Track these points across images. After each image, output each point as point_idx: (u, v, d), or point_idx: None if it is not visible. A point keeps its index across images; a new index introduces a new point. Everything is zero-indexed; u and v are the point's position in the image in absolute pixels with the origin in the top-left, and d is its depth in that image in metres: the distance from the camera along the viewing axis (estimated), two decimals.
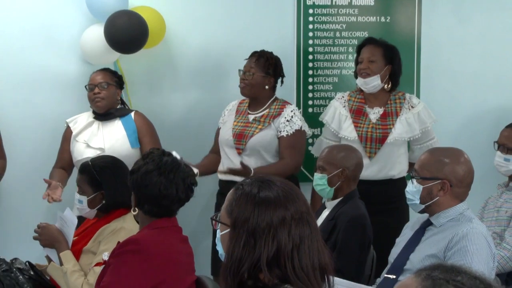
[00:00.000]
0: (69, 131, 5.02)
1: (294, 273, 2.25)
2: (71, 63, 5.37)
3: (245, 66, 4.98)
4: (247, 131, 4.98)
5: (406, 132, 4.89)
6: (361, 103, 5.02)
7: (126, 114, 5.05)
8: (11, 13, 5.27)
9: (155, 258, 3.29)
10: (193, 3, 5.54)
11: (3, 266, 4.04)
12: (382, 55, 4.91)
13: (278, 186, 2.36)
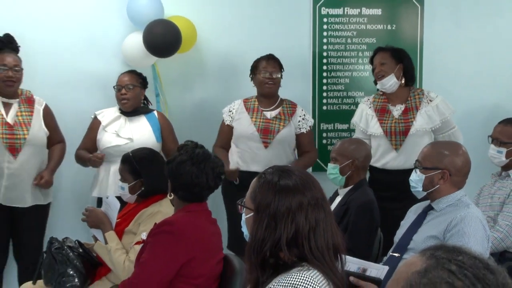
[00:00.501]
0: (97, 122, 5.03)
1: (310, 252, 2.28)
2: (114, 66, 5.38)
3: (268, 67, 4.98)
4: (272, 127, 5.01)
5: (427, 123, 4.88)
6: (384, 103, 5.02)
7: (150, 112, 5.07)
8: (64, 23, 5.30)
9: (187, 238, 3.30)
10: (221, 13, 5.55)
11: (55, 244, 4.07)
12: (391, 56, 4.92)
13: (296, 175, 2.38)
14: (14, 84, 4.75)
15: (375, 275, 3.52)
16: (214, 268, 3.40)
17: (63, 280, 3.95)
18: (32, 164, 4.83)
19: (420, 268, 1.52)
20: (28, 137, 4.76)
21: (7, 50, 4.77)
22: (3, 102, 4.79)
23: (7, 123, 4.73)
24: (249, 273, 2.40)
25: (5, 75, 4.70)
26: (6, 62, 4.71)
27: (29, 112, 4.84)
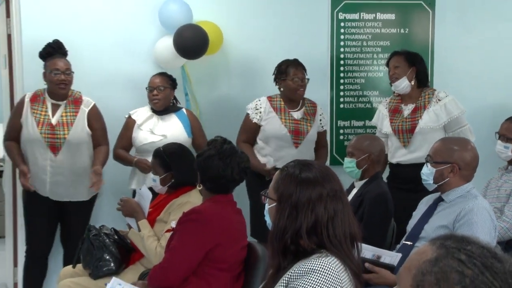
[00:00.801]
0: (132, 121, 5.03)
1: (329, 240, 2.29)
2: (147, 67, 5.38)
3: (299, 73, 4.98)
4: (301, 128, 5.03)
5: (433, 121, 4.83)
6: (398, 103, 5.01)
7: (179, 110, 5.09)
8: (100, 28, 5.31)
9: (213, 226, 3.31)
10: (245, 19, 5.55)
11: (93, 231, 4.11)
12: (405, 60, 4.90)
13: (316, 168, 2.40)
14: (66, 86, 4.80)
15: (388, 262, 3.54)
16: (239, 254, 3.42)
17: (100, 264, 3.98)
18: (73, 162, 4.84)
19: (431, 257, 1.52)
20: (68, 137, 4.77)
21: (57, 55, 4.81)
22: (52, 104, 4.84)
23: (50, 123, 4.76)
24: (271, 259, 2.41)
25: (58, 78, 4.74)
26: (59, 67, 4.75)
27: (73, 113, 4.85)
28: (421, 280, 1.51)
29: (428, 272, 1.50)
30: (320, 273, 2.19)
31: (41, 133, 4.73)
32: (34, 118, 4.76)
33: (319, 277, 2.19)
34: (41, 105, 4.81)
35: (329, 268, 2.21)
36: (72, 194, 4.87)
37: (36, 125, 4.74)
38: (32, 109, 4.79)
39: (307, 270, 2.21)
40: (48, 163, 4.77)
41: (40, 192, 4.83)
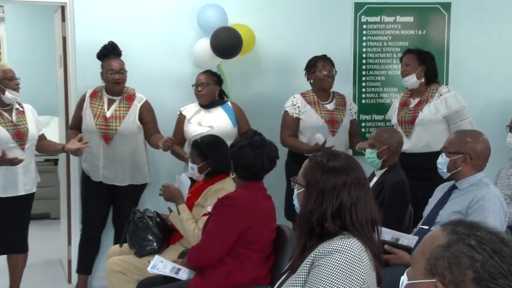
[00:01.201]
0: (183, 117, 5.07)
1: (352, 224, 2.29)
2: (186, 66, 5.41)
3: (327, 66, 4.99)
4: (336, 117, 5.02)
5: (432, 114, 4.79)
6: (408, 97, 5.00)
7: (224, 103, 5.09)
8: (143, 30, 5.33)
9: (245, 210, 3.32)
10: (276, 21, 5.53)
11: (137, 214, 4.14)
12: (416, 59, 4.87)
13: (342, 158, 2.40)
14: (120, 84, 4.90)
15: (406, 244, 3.55)
16: (269, 235, 3.41)
17: (144, 244, 4.01)
18: (123, 151, 4.93)
19: (442, 242, 1.51)
20: (119, 129, 4.86)
21: (112, 56, 4.88)
22: (108, 99, 4.94)
23: (104, 116, 4.87)
24: (298, 240, 2.41)
25: (113, 77, 4.84)
26: (113, 67, 4.83)
27: (126, 108, 4.93)
28: (434, 264, 1.50)
29: (441, 257, 1.49)
30: (343, 253, 2.19)
31: (96, 125, 4.84)
32: (92, 111, 4.89)
33: (342, 257, 2.18)
34: (98, 100, 4.92)
35: (351, 249, 2.20)
36: (122, 179, 4.96)
37: (92, 118, 4.87)
38: (91, 104, 4.91)
39: (331, 250, 2.21)
40: (101, 150, 4.88)
41: (93, 177, 4.95)
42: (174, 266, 3.52)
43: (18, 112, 4.69)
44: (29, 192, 4.72)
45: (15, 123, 4.61)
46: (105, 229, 5.16)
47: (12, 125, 4.59)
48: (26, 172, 4.66)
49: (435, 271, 1.49)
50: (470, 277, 1.44)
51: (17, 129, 4.60)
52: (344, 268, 2.17)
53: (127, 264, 3.96)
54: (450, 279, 1.46)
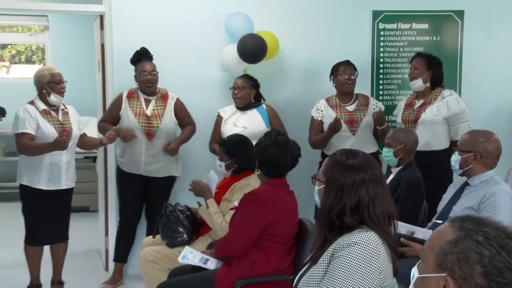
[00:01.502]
0: (220, 117, 5.11)
1: (369, 218, 2.28)
2: (214, 70, 5.43)
3: (348, 70, 4.95)
4: (355, 117, 4.98)
5: (434, 115, 4.77)
6: (413, 99, 4.98)
7: (259, 106, 5.10)
8: (175, 37, 5.34)
9: (269, 205, 3.31)
10: (299, 28, 5.50)
11: (169, 208, 4.15)
12: (424, 64, 4.84)
13: (360, 156, 2.39)
14: (153, 84, 4.95)
15: (421, 237, 3.54)
16: (291, 229, 3.39)
17: (175, 236, 4.02)
18: (162, 146, 4.96)
19: (451, 238, 1.49)
20: (160, 126, 4.93)
21: (144, 59, 4.93)
22: (145, 99, 4.98)
23: (145, 114, 4.92)
24: (319, 233, 2.41)
25: (146, 78, 4.89)
26: (146, 69, 4.89)
27: (162, 107, 4.99)
28: (443, 260, 1.49)
29: (450, 253, 1.48)
30: (362, 245, 2.19)
31: (139, 122, 4.89)
32: (132, 110, 4.93)
33: (361, 249, 2.18)
34: (136, 100, 4.97)
35: (369, 242, 2.20)
36: (161, 171, 5.01)
37: (134, 116, 4.91)
38: (130, 104, 4.95)
39: (350, 243, 2.20)
40: (143, 146, 4.92)
41: (134, 171, 4.98)
42: (203, 257, 3.52)
43: (64, 113, 4.74)
44: (69, 187, 4.76)
45: (61, 122, 4.67)
46: (140, 221, 5.19)
47: (59, 123, 4.65)
48: (68, 168, 4.71)
49: (444, 266, 1.48)
50: (479, 272, 1.42)
51: (63, 127, 4.66)
52: (362, 259, 2.16)
53: (159, 254, 3.98)
54: (459, 274, 1.45)
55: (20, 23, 9.61)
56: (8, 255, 5.66)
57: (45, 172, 4.62)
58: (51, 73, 4.67)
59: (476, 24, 5.65)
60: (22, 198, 4.70)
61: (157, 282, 3.61)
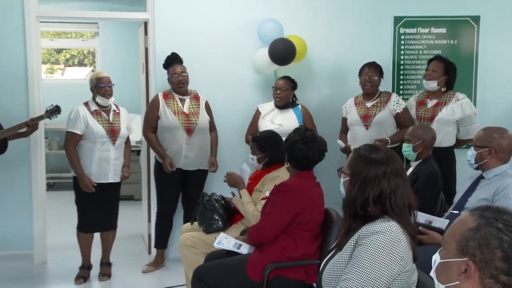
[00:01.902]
0: (259, 113, 5.12)
1: (391, 208, 2.26)
2: (247, 72, 5.41)
3: (369, 72, 4.90)
4: (370, 113, 4.92)
5: (449, 115, 4.73)
6: (424, 97, 4.93)
7: (296, 106, 5.09)
8: (211, 42, 5.34)
9: (297, 196, 3.28)
10: (325, 33, 5.45)
11: (206, 197, 4.15)
12: (443, 68, 4.79)
13: (383, 151, 2.37)
14: (184, 85, 4.95)
15: (438, 226, 3.53)
16: (318, 217, 3.36)
17: (211, 223, 4.02)
18: (200, 142, 4.98)
19: (472, 225, 1.48)
20: (198, 123, 4.94)
21: (174, 63, 4.94)
22: (180, 98, 4.97)
23: (184, 112, 4.92)
24: (344, 221, 2.39)
25: (177, 79, 4.91)
26: (176, 71, 4.90)
27: (197, 105, 5.00)
28: (465, 245, 1.47)
29: (471, 239, 1.46)
30: (384, 233, 2.17)
31: (179, 120, 4.89)
32: (170, 109, 4.92)
33: (383, 237, 2.16)
34: (172, 100, 4.96)
35: (391, 230, 2.18)
36: (199, 164, 5.02)
37: (173, 114, 4.90)
38: (167, 103, 4.94)
39: (373, 231, 2.18)
40: (184, 142, 4.91)
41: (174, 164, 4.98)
42: (237, 242, 3.52)
43: (115, 113, 4.79)
44: (116, 181, 4.79)
45: (110, 121, 4.72)
46: (177, 210, 5.20)
47: (107, 123, 4.69)
48: (116, 164, 4.75)
49: (466, 251, 1.47)
50: (499, 256, 1.41)
51: (111, 126, 4.70)
52: (385, 247, 2.14)
53: (197, 239, 3.98)
54: (480, 258, 1.44)
55: (73, 30, 9.72)
56: (63, 238, 5.73)
57: (94, 166, 4.68)
58: (97, 77, 4.75)
59: (491, 28, 5.54)
60: (75, 189, 4.75)
61: (195, 264, 3.62)
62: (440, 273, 1.54)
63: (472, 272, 1.44)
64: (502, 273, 1.41)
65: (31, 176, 5.26)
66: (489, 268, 1.42)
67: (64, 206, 6.25)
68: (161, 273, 5.07)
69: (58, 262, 5.31)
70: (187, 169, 4.98)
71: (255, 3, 5.36)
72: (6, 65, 5.11)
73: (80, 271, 4.90)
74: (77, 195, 4.77)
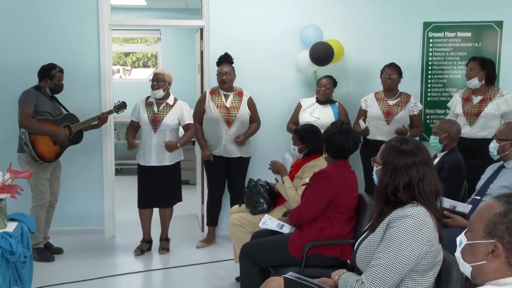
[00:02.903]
0: (300, 105, 5.08)
1: (419, 195, 2.22)
2: (290, 72, 5.38)
3: (388, 71, 4.85)
4: (392, 110, 4.84)
5: (495, 110, 4.63)
6: (469, 94, 4.78)
7: (334, 103, 5.03)
8: (259, 45, 5.33)
9: (334, 182, 3.24)
10: (359, 36, 5.37)
11: (252, 182, 4.15)
12: (478, 65, 4.68)
13: (412, 143, 2.33)
14: (226, 84, 4.91)
15: (462, 210, 3.48)
16: (352, 201, 3.31)
17: (257, 205, 4.02)
18: (238, 133, 4.94)
19: (500, 210, 1.44)
20: (237, 116, 4.90)
21: (224, 62, 4.93)
22: (224, 94, 4.95)
23: (225, 106, 4.90)
24: (376, 206, 2.35)
25: (221, 79, 4.89)
26: (222, 71, 4.88)
27: (239, 101, 4.96)
28: (493, 228, 1.44)
29: (500, 222, 1.43)
30: (413, 217, 2.13)
31: (220, 113, 4.87)
32: (214, 103, 4.91)
33: (412, 221, 2.13)
34: (217, 95, 4.95)
35: (419, 215, 2.14)
36: (239, 152, 4.98)
37: (216, 108, 4.89)
38: (212, 98, 4.94)
39: (403, 215, 2.15)
40: (224, 132, 4.90)
41: (216, 152, 4.97)
42: (279, 223, 3.51)
43: (167, 106, 4.82)
44: (159, 164, 4.81)
45: (155, 112, 4.79)
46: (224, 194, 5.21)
47: (152, 113, 4.78)
48: (158, 150, 4.79)
49: (494, 234, 1.43)
50: None
51: (155, 116, 4.77)
52: (414, 229, 2.12)
53: (244, 219, 3.99)
54: (508, 240, 1.41)
55: (139, 36, 9.85)
56: (129, 216, 5.84)
57: (141, 151, 4.84)
58: (151, 75, 4.85)
59: None
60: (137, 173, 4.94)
61: (242, 242, 3.62)
62: (467, 253, 1.51)
63: (500, 252, 1.41)
64: None
65: (102, 162, 5.37)
66: None
67: (130, 189, 6.35)
68: (213, 248, 5.10)
69: (125, 236, 5.42)
70: (228, 156, 4.97)
71: (297, 10, 5.32)
72: (82, 67, 5.22)
73: (140, 244, 5.00)
74: (137, 178, 4.93)
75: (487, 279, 1.43)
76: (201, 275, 4.43)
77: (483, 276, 1.44)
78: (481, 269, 1.44)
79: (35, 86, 4.66)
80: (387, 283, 2.12)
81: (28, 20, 5.13)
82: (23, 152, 4.58)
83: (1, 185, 2.76)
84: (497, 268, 1.41)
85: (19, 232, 2.86)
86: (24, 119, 4.48)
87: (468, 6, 5.38)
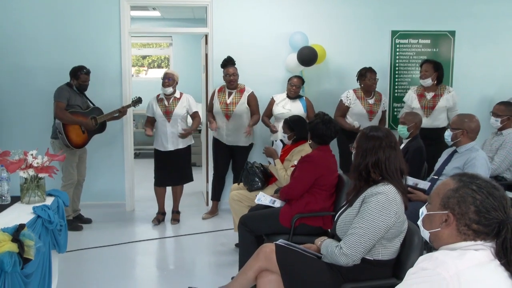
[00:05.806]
0: (273, 101, 5.01)
1: (386, 172, 2.23)
2: (281, 72, 5.33)
3: (373, 76, 4.79)
4: (374, 109, 4.85)
5: (445, 104, 4.70)
6: (423, 91, 4.78)
7: (302, 98, 4.98)
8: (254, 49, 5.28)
9: (318, 164, 3.23)
10: (339, 42, 5.33)
11: (249, 164, 4.13)
12: (432, 67, 4.69)
13: (381, 130, 2.33)
14: (233, 83, 4.88)
15: (422, 187, 3.49)
16: (333, 180, 3.31)
17: (253, 183, 4.02)
18: (237, 124, 4.92)
19: (453, 187, 1.45)
20: (234, 111, 4.87)
21: (229, 65, 4.90)
22: (229, 92, 4.93)
23: (226, 102, 4.88)
24: (353, 184, 2.36)
25: (229, 79, 4.86)
26: (229, 72, 4.85)
27: (239, 97, 4.91)
28: (447, 202, 1.45)
29: (452, 197, 1.44)
30: (384, 194, 2.15)
31: (220, 108, 4.87)
32: (218, 100, 4.91)
33: (384, 197, 2.15)
34: (223, 93, 4.94)
35: (390, 192, 2.16)
36: (237, 141, 4.96)
37: (219, 104, 4.88)
38: (218, 96, 4.93)
39: (376, 192, 2.17)
40: (225, 124, 4.89)
41: (221, 140, 4.98)
42: (272, 199, 3.50)
43: (174, 99, 4.81)
44: (173, 148, 4.79)
45: (166, 105, 4.77)
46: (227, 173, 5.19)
47: (164, 106, 4.76)
48: (172, 137, 4.78)
49: (447, 206, 1.45)
50: (472, 210, 1.40)
51: (167, 109, 4.76)
52: (385, 204, 2.14)
53: (242, 196, 3.98)
54: (458, 211, 1.43)
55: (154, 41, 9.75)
56: (146, 193, 5.83)
57: (157, 138, 4.83)
58: (163, 74, 4.83)
59: (464, 40, 5.42)
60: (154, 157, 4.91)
61: (241, 214, 3.64)
62: (426, 222, 1.53)
63: (451, 221, 1.43)
64: (474, 222, 1.40)
65: (123, 147, 5.36)
66: (464, 219, 1.41)
67: (146, 170, 6.34)
68: (216, 220, 5.10)
69: (142, 210, 5.41)
70: (230, 144, 4.96)
71: (287, 19, 5.27)
72: (106, 68, 5.19)
73: (156, 216, 5.00)
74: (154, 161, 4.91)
75: (442, 244, 1.45)
76: (206, 242, 4.44)
77: (438, 241, 1.46)
78: (437, 235, 1.46)
79: (67, 83, 4.63)
80: (362, 248, 2.14)
81: (62, 28, 5.11)
82: (56, 139, 4.56)
83: (41, 166, 2.75)
84: (449, 234, 1.42)
85: (56, 205, 2.86)
86: (59, 111, 4.45)
87: (427, 17, 5.37)
